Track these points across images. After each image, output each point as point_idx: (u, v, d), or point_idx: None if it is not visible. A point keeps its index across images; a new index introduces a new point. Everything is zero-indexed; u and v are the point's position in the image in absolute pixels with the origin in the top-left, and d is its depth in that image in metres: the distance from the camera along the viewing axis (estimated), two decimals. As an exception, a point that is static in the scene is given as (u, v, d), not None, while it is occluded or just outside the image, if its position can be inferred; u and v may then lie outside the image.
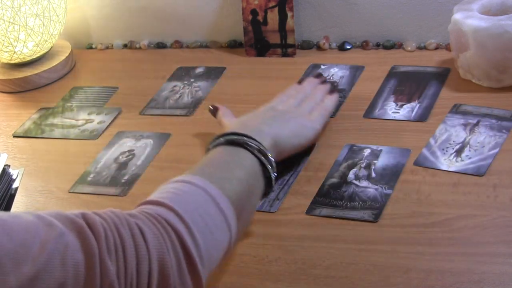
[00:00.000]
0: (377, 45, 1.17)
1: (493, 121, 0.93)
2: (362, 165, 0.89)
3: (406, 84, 1.04)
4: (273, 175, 0.80)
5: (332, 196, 0.85)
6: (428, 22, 1.14)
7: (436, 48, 1.13)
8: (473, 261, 0.73)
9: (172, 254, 0.63)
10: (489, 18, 0.97)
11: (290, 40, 1.18)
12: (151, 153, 1.00)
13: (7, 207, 0.87)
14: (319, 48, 1.20)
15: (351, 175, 0.88)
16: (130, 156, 1.00)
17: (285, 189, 0.88)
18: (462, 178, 0.84)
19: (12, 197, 0.88)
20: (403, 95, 1.02)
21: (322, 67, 1.14)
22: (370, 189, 0.85)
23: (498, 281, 0.70)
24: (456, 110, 0.96)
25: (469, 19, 0.98)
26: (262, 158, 0.79)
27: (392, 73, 1.08)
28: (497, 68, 0.98)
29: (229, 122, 0.93)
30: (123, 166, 0.99)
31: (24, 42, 1.20)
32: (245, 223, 0.77)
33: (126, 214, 0.65)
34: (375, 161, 0.89)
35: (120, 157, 1.01)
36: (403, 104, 1.00)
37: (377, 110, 1.00)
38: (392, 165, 0.88)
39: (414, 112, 0.98)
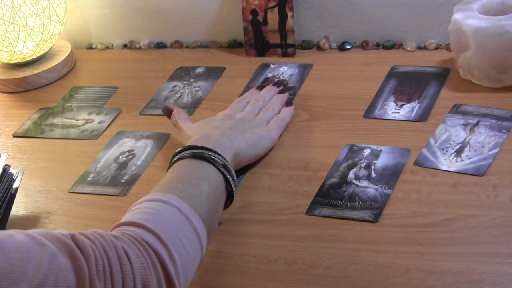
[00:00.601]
0: (377, 45, 1.17)
1: (493, 121, 0.93)
2: (362, 165, 0.89)
3: (406, 84, 1.04)
4: (234, 189, 0.83)
5: (332, 196, 0.85)
6: (428, 22, 1.14)
7: (436, 48, 1.13)
8: (473, 261, 0.73)
9: (154, 275, 0.65)
10: (489, 18, 0.97)
11: (290, 40, 1.18)
12: (151, 153, 1.00)
13: (8, 208, 0.87)
14: (319, 48, 1.20)
15: (351, 175, 0.88)
16: (130, 156, 1.00)
17: (236, 183, 0.86)
18: (462, 178, 0.84)
19: (12, 197, 0.88)
20: (403, 95, 1.02)
21: (272, 66, 1.16)
22: (370, 189, 0.85)
23: (498, 281, 0.70)
24: (456, 110, 0.96)
25: (469, 19, 0.98)
26: (226, 173, 0.81)
27: (392, 73, 1.08)
28: (497, 68, 0.98)
29: (188, 128, 0.94)
30: (123, 166, 0.99)
31: (24, 42, 1.21)
32: (211, 238, 0.78)
33: (111, 236, 0.67)
34: (375, 161, 0.89)
35: (120, 157, 1.01)
36: (403, 104, 1.00)
37: (377, 110, 1.00)
38: (392, 165, 0.88)
39: (414, 112, 0.98)
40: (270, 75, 1.14)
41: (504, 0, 1.02)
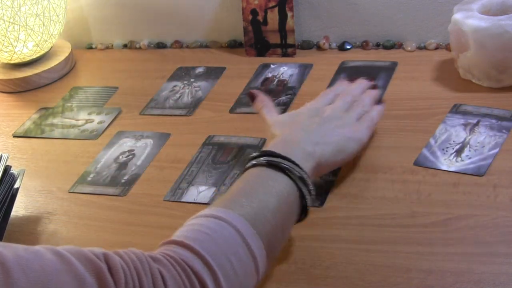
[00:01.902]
0: (377, 45, 1.17)
1: (493, 121, 0.93)
2: None
3: (356, 78, 1.06)
4: (309, 204, 0.75)
5: None
6: (428, 22, 1.14)
7: (436, 48, 1.14)
8: (473, 261, 0.73)
9: None
10: (489, 18, 0.97)
11: (290, 40, 1.18)
12: (151, 153, 1.00)
13: (9, 208, 0.87)
14: (319, 48, 1.20)
15: None
16: (130, 156, 1.00)
17: None
18: (462, 178, 0.84)
19: (13, 197, 0.88)
20: None
21: (272, 66, 1.16)
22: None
23: (498, 281, 0.70)
24: (456, 110, 0.96)
25: (469, 19, 0.98)
26: (302, 186, 0.74)
27: (342, 68, 1.12)
28: (497, 68, 0.98)
29: (272, 123, 0.86)
30: (123, 166, 0.99)
31: (24, 42, 1.21)
32: (274, 257, 0.73)
33: (149, 257, 0.61)
34: None
35: (120, 157, 1.01)
36: None
37: None
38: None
39: None
40: (270, 75, 1.14)
41: (504, 0, 1.02)
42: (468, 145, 0.89)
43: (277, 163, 0.75)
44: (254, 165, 0.76)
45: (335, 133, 0.83)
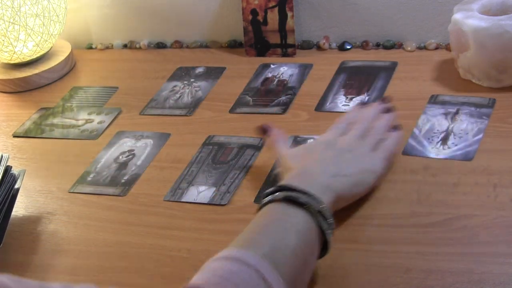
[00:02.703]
0: (377, 45, 1.17)
1: (472, 108, 0.96)
2: None
3: (355, 78, 1.08)
4: (329, 240, 0.73)
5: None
6: (428, 22, 1.14)
7: (436, 48, 1.14)
8: (473, 261, 0.73)
9: None
10: (489, 18, 0.97)
11: (290, 40, 1.18)
12: (151, 153, 1.00)
13: (9, 208, 0.87)
14: (319, 48, 1.20)
15: None
16: (130, 156, 1.00)
17: (236, 183, 0.90)
18: (462, 178, 0.84)
19: (14, 198, 0.88)
20: (353, 89, 1.06)
21: (272, 66, 1.16)
22: None
23: (498, 281, 0.70)
24: (434, 100, 0.99)
25: (469, 19, 0.98)
26: (322, 220, 0.72)
27: (342, 68, 1.12)
28: (497, 68, 0.98)
29: (286, 156, 0.85)
30: (123, 166, 0.99)
31: (24, 42, 1.21)
32: None
33: None
34: None
35: (120, 157, 1.01)
36: (353, 97, 1.04)
37: (327, 104, 1.04)
38: None
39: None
40: (270, 75, 1.14)
41: (504, 0, 1.02)
42: (452, 133, 0.91)
43: (295, 198, 0.72)
44: (270, 201, 0.74)
45: (351, 165, 0.81)
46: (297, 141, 0.95)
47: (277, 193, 0.74)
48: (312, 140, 0.92)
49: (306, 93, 1.08)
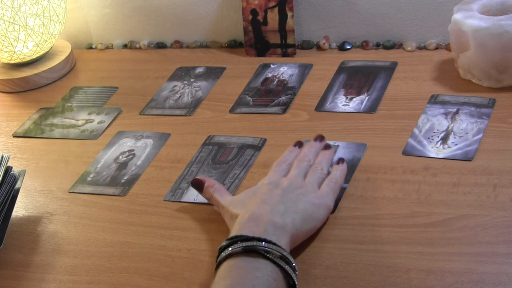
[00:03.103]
0: (377, 45, 1.17)
1: (472, 108, 0.96)
2: None
3: (355, 78, 1.08)
4: (296, 280, 0.70)
5: None
6: (428, 22, 1.14)
7: (436, 48, 1.14)
8: (473, 261, 0.73)
9: None
10: (489, 18, 0.97)
11: (290, 40, 1.18)
12: (151, 153, 1.00)
13: (9, 208, 0.87)
14: (319, 48, 1.20)
15: None
16: (130, 156, 1.00)
17: (236, 183, 0.90)
18: (462, 178, 0.84)
19: (14, 198, 0.88)
20: (353, 89, 1.06)
21: (272, 66, 1.16)
22: None
23: (498, 281, 0.70)
24: (434, 100, 0.99)
25: (469, 19, 0.98)
26: (285, 265, 0.70)
27: (342, 68, 1.12)
28: (497, 68, 0.98)
29: (229, 204, 0.81)
30: (123, 166, 0.99)
31: (24, 42, 1.21)
32: None
33: None
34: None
35: (120, 157, 1.01)
36: (353, 97, 1.04)
37: (327, 104, 1.04)
38: (348, 160, 0.90)
39: (363, 105, 1.02)
40: (270, 75, 1.14)
41: (504, 0, 1.02)
42: (452, 133, 0.92)
43: (253, 247, 0.69)
44: (229, 255, 0.70)
45: (300, 202, 0.79)
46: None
47: (234, 246, 0.70)
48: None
49: (306, 93, 1.08)
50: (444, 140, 0.91)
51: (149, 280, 0.79)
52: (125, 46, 1.33)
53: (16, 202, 0.89)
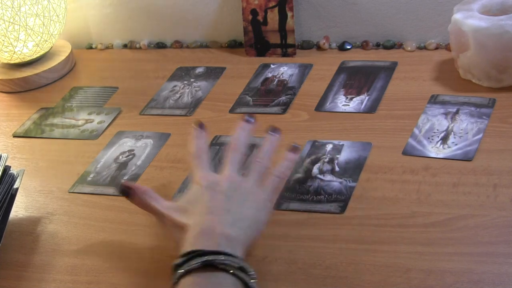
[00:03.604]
0: (377, 45, 1.17)
1: (472, 108, 0.96)
2: (325, 160, 0.91)
3: (355, 78, 1.09)
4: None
5: (298, 191, 0.87)
6: (428, 22, 1.14)
7: (436, 48, 1.14)
8: (473, 261, 0.73)
9: None
10: (489, 18, 0.97)
11: (290, 40, 1.18)
12: (151, 153, 1.00)
13: (8, 208, 0.87)
14: (319, 48, 1.20)
15: (315, 169, 0.90)
16: (130, 156, 1.00)
17: None
18: (462, 178, 0.84)
19: (12, 197, 0.88)
20: (353, 89, 1.06)
21: (272, 66, 1.16)
22: (334, 182, 0.87)
23: (498, 281, 0.70)
24: (434, 100, 0.99)
25: (469, 19, 0.98)
26: (244, 276, 0.68)
27: (342, 68, 1.12)
28: (497, 68, 0.98)
29: (167, 211, 0.77)
30: (123, 166, 0.99)
31: (24, 42, 1.21)
32: None
33: None
34: (337, 156, 0.91)
35: (120, 157, 1.01)
36: (353, 97, 1.04)
37: (328, 104, 1.04)
38: (354, 159, 0.90)
39: (363, 105, 1.02)
40: (270, 75, 1.14)
41: (504, 0, 1.02)
42: (452, 133, 0.92)
43: (212, 261, 0.67)
44: (188, 272, 0.68)
45: (243, 206, 0.75)
46: (315, 146, 0.94)
47: (191, 262, 0.68)
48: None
49: (306, 93, 1.08)
50: (444, 140, 0.91)
51: (149, 280, 0.79)
52: (125, 46, 1.33)
53: (16, 202, 0.89)
